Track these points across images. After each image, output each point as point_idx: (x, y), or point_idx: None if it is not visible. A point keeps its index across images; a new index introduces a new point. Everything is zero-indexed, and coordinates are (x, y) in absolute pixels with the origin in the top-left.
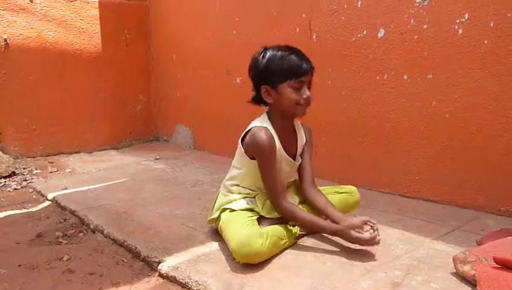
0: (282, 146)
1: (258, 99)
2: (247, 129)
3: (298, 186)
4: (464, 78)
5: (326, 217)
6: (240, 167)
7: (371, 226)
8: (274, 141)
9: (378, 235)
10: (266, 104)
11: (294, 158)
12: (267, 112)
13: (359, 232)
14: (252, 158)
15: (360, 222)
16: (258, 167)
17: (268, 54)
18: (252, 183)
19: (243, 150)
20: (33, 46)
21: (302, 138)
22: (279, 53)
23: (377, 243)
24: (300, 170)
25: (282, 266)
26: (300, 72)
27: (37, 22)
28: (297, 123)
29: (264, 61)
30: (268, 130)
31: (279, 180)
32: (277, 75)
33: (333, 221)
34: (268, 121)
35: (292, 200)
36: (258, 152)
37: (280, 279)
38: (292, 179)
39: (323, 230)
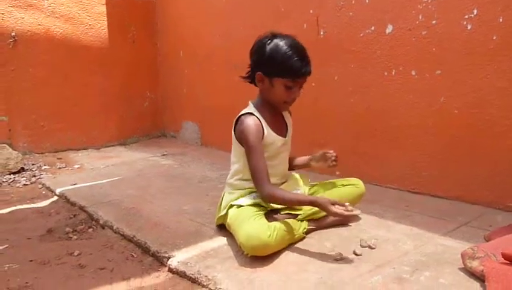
0: (272, 128)
1: (251, 79)
2: (235, 119)
3: (303, 178)
4: (473, 74)
5: (302, 165)
6: (238, 159)
7: None
8: (261, 126)
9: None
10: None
11: (286, 136)
12: (251, 102)
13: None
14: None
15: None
16: (245, 152)
17: (275, 44)
18: None
19: (236, 141)
20: (41, 43)
21: (288, 118)
22: (285, 48)
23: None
24: None
25: (290, 261)
26: (298, 74)
27: (44, 18)
28: None
29: (268, 50)
30: (256, 116)
31: (262, 168)
32: (276, 69)
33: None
34: (255, 109)
35: (300, 190)
36: (244, 138)
37: (289, 274)
38: (289, 152)
39: (306, 204)
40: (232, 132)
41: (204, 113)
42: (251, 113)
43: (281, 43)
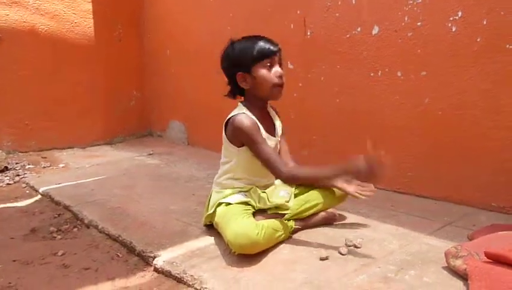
0: (264, 128)
1: (234, 91)
2: (225, 120)
3: None
4: (457, 76)
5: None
6: (230, 159)
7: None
8: (256, 121)
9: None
10: (242, 93)
11: (275, 136)
12: (241, 102)
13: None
14: (240, 146)
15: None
16: (250, 149)
17: (237, 43)
18: (245, 172)
19: (228, 141)
20: (26, 40)
21: (275, 117)
22: (247, 40)
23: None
24: (279, 150)
25: (277, 260)
26: (268, 51)
27: (29, 15)
28: (269, 108)
29: (234, 51)
30: (248, 115)
31: (273, 154)
32: (249, 59)
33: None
34: (245, 108)
35: (287, 191)
36: (244, 135)
37: (275, 274)
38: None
39: (336, 174)
40: (223, 133)
41: (191, 113)
42: (244, 114)
43: (242, 40)
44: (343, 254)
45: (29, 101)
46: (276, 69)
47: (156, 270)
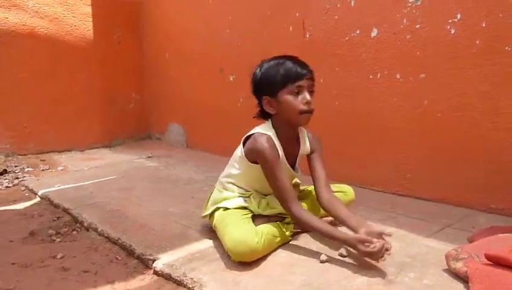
0: (284, 153)
1: (262, 114)
2: (250, 133)
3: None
4: (456, 78)
5: (347, 227)
6: (239, 167)
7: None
8: (276, 148)
9: (388, 248)
10: (270, 116)
11: (293, 168)
12: (271, 119)
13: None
14: (253, 162)
15: (374, 233)
16: (264, 175)
17: (263, 65)
18: (248, 184)
19: (243, 153)
20: (25, 43)
21: (305, 148)
22: (274, 62)
23: (382, 254)
24: (313, 177)
25: (276, 263)
26: (296, 76)
27: (29, 18)
28: (303, 131)
29: (260, 73)
30: (271, 137)
31: (288, 186)
32: (274, 83)
33: (352, 229)
34: (273, 129)
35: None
36: (261, 160)
37: (275, 276)
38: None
39: (335, 239)
40: (241, 143)
41: (190, 115)
42: (268, 136)
43: (270, 61)
44: (344, 256)
45: (28, 104)
46: (304, 95)
47: (155, 273)
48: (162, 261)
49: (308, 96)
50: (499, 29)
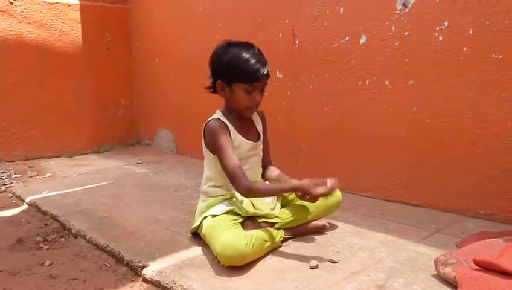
0: (240, 133)
1: (213, 89)
2: (203, 126)
3: None
4: (444, 84)
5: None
6: (209, 167)
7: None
8: (227, 128)
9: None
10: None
11: (257, 140)
12: (219, 110)
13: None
14: (212, 152)
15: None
16: (217, 156)
17: (231, 52)
18: (224, 178)
19: (205, 148)
20: (12, 49)
21: (258, 122)
22: (241, 54)
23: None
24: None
25: (267, 269)
26: (255, 77)
27: (17, 24)
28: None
29: (225, 59)
30: (220, 119)
31: (236, 162)
32: (233, 75)
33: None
34: (221, 114)
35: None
36: (211, 140)
37: (265, 282)
38: (260, 157)
39: (290, 190)
40: (202, 140)
41: (180, 121)
42: (217, 118)
43: (237, 50)
44: (334, 262)
45: (15, 110)
46: (254, 96)
47: (145, 280)
48: (151, 269)
49: (258, 98)
50: (485, 37)
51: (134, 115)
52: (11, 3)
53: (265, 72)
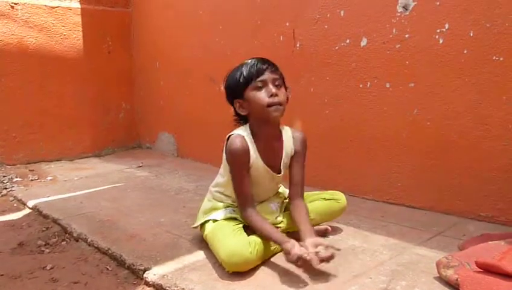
0: (262, 157)
1: (239, 118)
2: (227, 136)
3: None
4: (445, 87)
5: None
6: (223, 175)
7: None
8: (248, 149)
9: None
10: (246, 119)
11: (278, 169)
12: (248, 125)
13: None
14: None
15: (312, 244)
16: (230, 175)
17: (231, 71)
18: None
19: (224, 157)
20: (14, 53)
21: (288, 148)
22: (237, 66)
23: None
24: (290, 180)
25: (268, 273)
26: (257, 72)
27: (18, 28)
28: (287, 131)
29: (228, 77)
30: (244, 138)
31: (246, 191)
32: (238, 84)
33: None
34: (249, 130)
35: (277, 202)
36: (229, 159)
37: (267, 285)
38: (276, 192)
39: (274, 241)
40: (224, 147)
41: (181, 125)
42: (241, 137)
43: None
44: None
45: (16, 114)
46: (268, 88)
47: (146, 283)
48: (153, 272)
49: (273, 89)
50: (486, 39)
51: (135, 118)
52: (12, 7)
53: (265, 66)
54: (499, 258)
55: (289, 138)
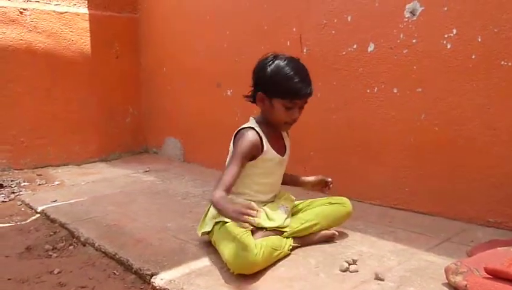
0: (272, 146)
1: (253, 99)
2: (235, 132)
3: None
4: (452, 92)
5: (294, 183)
6: None
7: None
8: (260, 142)
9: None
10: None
11: (284, 155)
12: (253, 117)
13: None
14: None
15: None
16: (229, 156)
17: (276, 65)
18: (247, 187)
19: (229, 156)
20: (22, 58)
21: (286, 138)
22: (286, 70)
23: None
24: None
25: (275, 278)
26: (297, 95)
27: (26, 33)
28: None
29: (269, 71)
30: (255, 130)
31: (232, 179)
32: (275, 90)
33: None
34: (256, 124)
35: (286, 206)
36: (239, 144)
37: None
38: (283, 171)
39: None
40: (231, 144)
41: (187, 130)
42: (252, 128)
43: (282, 64)
44: (343, 271)
45: (24, 118)
46: (295, 113)
47: (153, 288)
48: (160, 277)
49: (297, 114)
50: (494, 44)
51: (142, 123)
52: (21, 12)
53: (308, 91)
54: (508, 264)
55: (285, 134)
